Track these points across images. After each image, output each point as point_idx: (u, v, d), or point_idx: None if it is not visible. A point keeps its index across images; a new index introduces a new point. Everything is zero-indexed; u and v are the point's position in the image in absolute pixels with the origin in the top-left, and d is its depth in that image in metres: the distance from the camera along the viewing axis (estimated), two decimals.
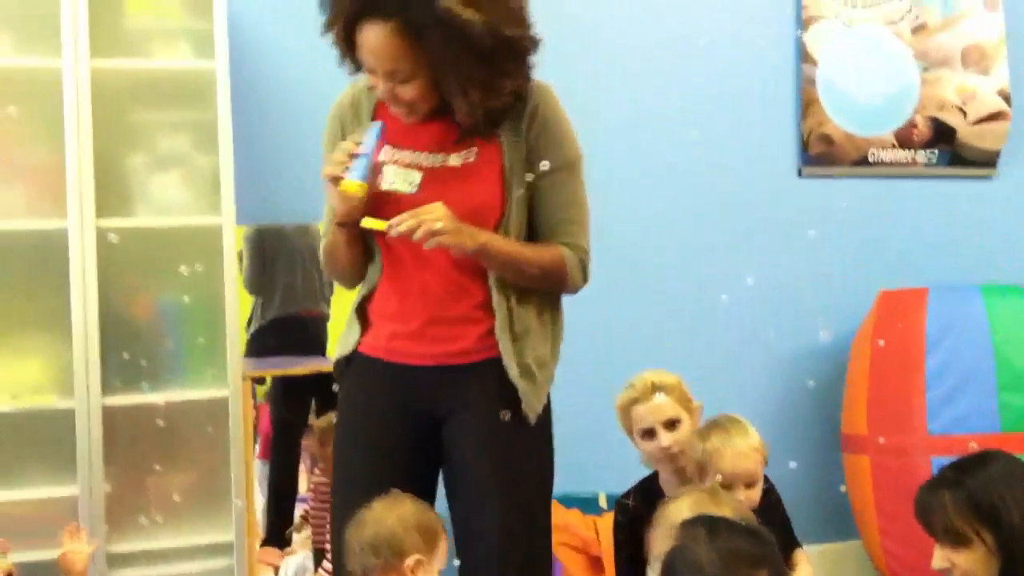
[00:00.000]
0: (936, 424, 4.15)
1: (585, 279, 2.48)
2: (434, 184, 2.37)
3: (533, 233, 2.44)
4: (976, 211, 4.85)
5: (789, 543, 2.90)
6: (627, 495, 3.05)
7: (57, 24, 3.29)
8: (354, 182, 2.28)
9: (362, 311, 2.50)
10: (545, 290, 2.45)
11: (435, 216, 2.23)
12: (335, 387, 2.58)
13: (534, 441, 2.42)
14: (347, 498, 2.42)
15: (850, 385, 4.46)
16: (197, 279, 3.48)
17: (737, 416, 2.90)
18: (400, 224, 2.23)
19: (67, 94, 3.29)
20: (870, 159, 4.74)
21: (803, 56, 4.64)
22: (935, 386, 4.19)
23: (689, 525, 1.82)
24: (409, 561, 2.03)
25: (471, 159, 2.39)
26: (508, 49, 2.27)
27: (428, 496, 2.44)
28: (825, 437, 4.55)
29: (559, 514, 3.16)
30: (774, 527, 2.20)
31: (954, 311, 4.27)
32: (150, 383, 3.43)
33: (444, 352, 2.38)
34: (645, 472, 3.11)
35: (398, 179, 2.38)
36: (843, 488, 4.33)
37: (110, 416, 3.33)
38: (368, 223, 2.31)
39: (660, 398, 2.93)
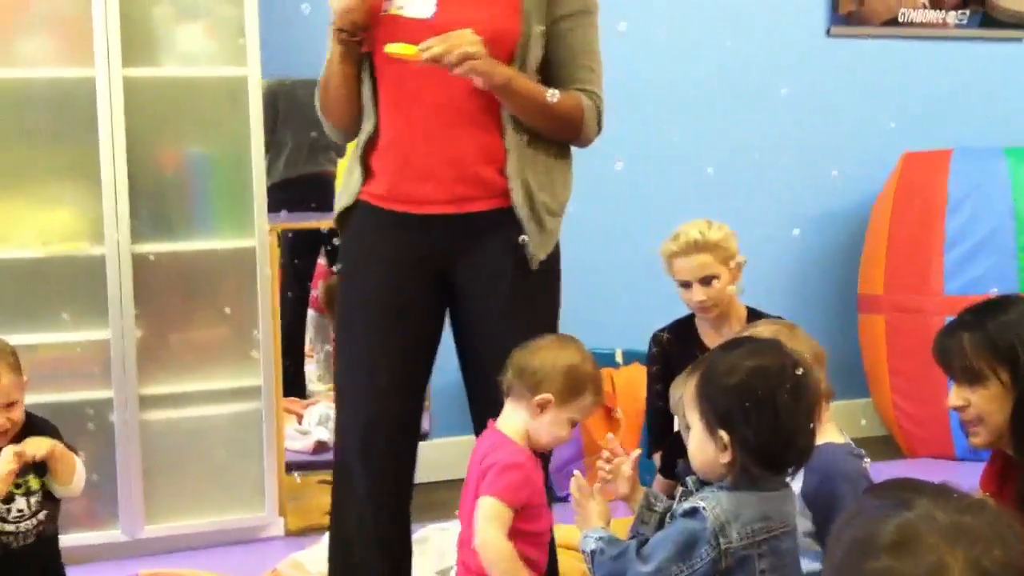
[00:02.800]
0: (953, 285, 4.19)
1: (599, 130, 2.40)
2: (451, 8, 2.25)
3: (548, 80, 2.33)
4: (1004, 73, 4.80)
5: None
6: (664, 329, 3.13)
7: None
8: None
9: (364, 158, 2.39)
10: (558, 138, 2.36)
11: (467, 40, 2.14)
12: (336, 240, 2.51)
13: (543, 288, 2.38)
14: (351, 348, 2.40)
15: (869, 246, 4.49)
16: (223, 131, 3.51)
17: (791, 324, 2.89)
18: (431, 48, 2.13)
19: None
20: (900, 19, 4.67)
21: None
22: (954, 247, 4.22)
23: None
24: (538, 398, 2.06)
25: None
26: None
27: (431, 346, 2.43)
28: (841, 297, 4.60)
29: None
30: None
31: (977, 173, 4.27)
32: (178, 232, 3.49)
33: (452, 197, 2.29)
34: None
35: (413, 1, 2.28)
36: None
37: (140, 263, 3.41)
38: (394, 48, 2.18)
39: (700, 255, 2.96)
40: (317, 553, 3.03)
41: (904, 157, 4.44)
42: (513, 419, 2.11)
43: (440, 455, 3.65)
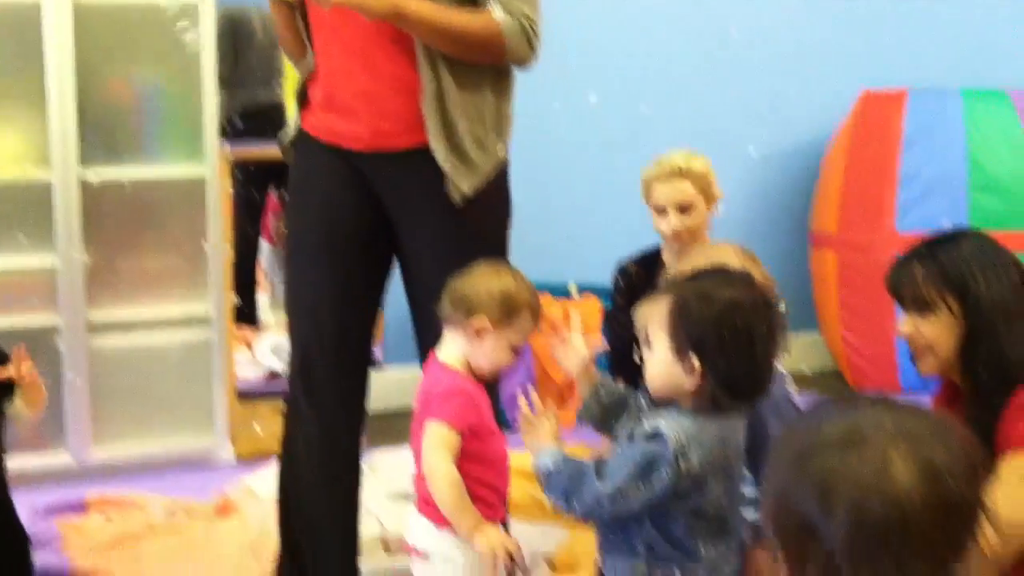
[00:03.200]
0: (905, 223, 4.22)
1: (532, 49, 2.25)
2: None
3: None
4: (963, 13, 4.80)
5: None
6: (631, 260, 3.13)
7: None
8: None
9: (303, 91, 2.39)
10: (482, 61, 2.25)
11: None
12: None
13: (475, 223, 2.32)
14: (296, 278, 2.40)
15: (824, 183, 4.51)
16: (175, 59, 3.46)
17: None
18: None
19: None
20: None
21: None
22: (908, 186, 4.25)
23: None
24: (475, 323, 2.06)
25: None
26: None
27: (378, 275, 2.42)
28: (794, 233, 4.63)
29: None
30: None
31: (933, 113, 4.29)
32: (128, 158, 3.46)
33: (374, 133, 2.27)
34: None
35: None
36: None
37: (88, 189, 3.37)
38: None
39: (681, 182, 2.98)
40: (268, 478, 3.04)
41: (862, 96, 4.45)
42: (453, 348, 2.11)
43: (394, 384, 3.67)
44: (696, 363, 1.67)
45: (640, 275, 3.09)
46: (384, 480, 3.27)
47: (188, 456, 3.54)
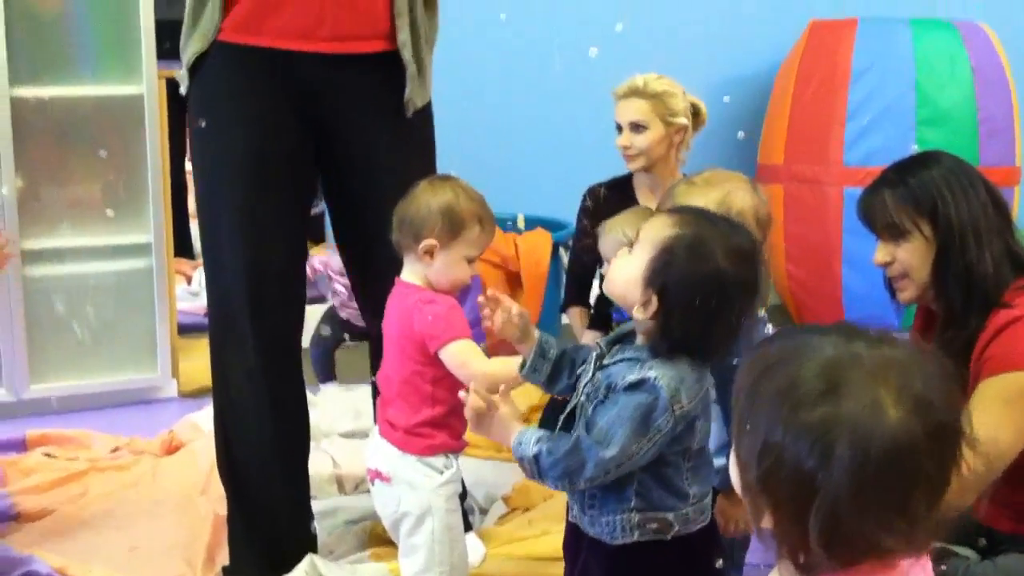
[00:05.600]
0: (852, 156, 4.21)
1: None
2: None
3: None
4: None
5: None
6: (600, 184, 3.10)
7: None
8: None
9: None
10: None
11: None
12: (183, 90, 2.26)
13: (423, 135, 2.31)
14: (224, 211, 2.22)
15: (770, 116, 4.48)
16: None
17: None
18: None
19: None
20: None
21: None
22: (855, 118, 4.23)
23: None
24: (423, 244, 2.00)
25: None
26: None
27: (310, 194, 2.33)
28: (741, 165, 4.57)
29: None
30: None
31: (881, 44, 4.26)
32: (61, 76, 3.27)
33: (331, 34, 2.14)
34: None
35: None
36: None
37: (19, 108, 3.19)
38: None
39: (637, 100, 2.94)
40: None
41: (810, 25, 4.40)
42: (413, 273, 2.07)
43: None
44: (655, 304, 1.61)
45: (608, 198, 3.05)
46: (330, 417, 3.20)
47: (131, 391, 3.42)
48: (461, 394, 1.74)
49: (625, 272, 1.66)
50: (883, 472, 1.05)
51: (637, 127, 2.95)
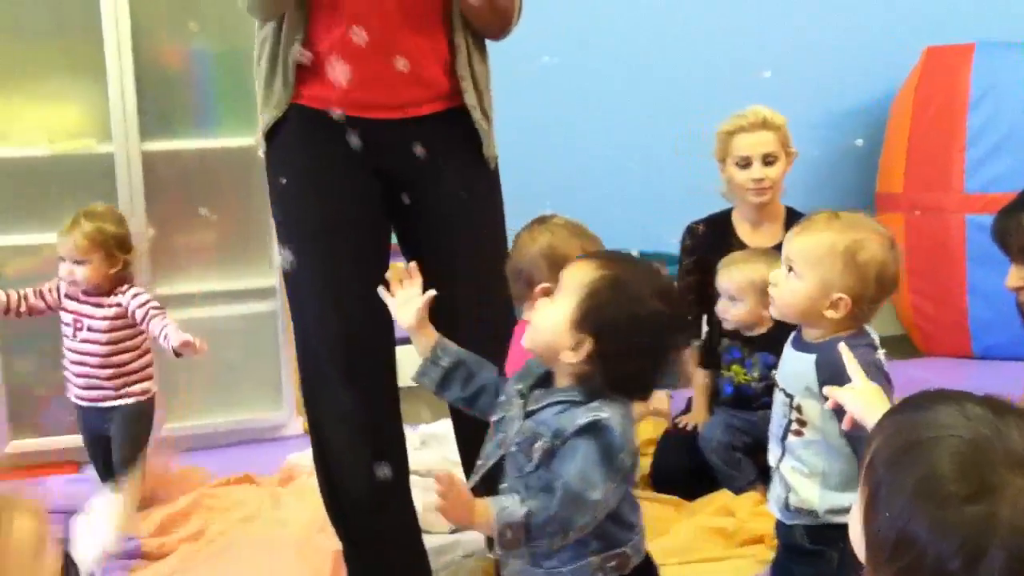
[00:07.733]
0: (974, 183, 4.12)
1: (519, 18, 2.28)
2: None
3: None
4: None
5: None
6: (699, 221, 3.12)
7: None
8: None
9: (286, 60, 2.18)
10: (493, 33, 2.28)
11: None
12: (260, 153, 2.29)
13: (496, 185, 2.35)
14: (312, 267, 2.23)
15: (889, 144, 4.41)
16: (227, 28, 3.42)
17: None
18: None
19: None
20: None
21: None
22: (975, 144, 4.14)
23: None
24: (538, 289, 2.01)
25: None
26: None
27: (387, 248, 2.32)
28: (860, 196, 4.53)
29: None
30: None
31: (999, 68, 4.18)
32: (186, 130, 3.42)
33: (400, 102, 2.19)
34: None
35: None
36: None
37: (149, 161, 3.34)
38: None
39: (766, 133, 2.99)
40: None
41: (926, 51, 4.34)
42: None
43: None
44: (588, 346, 1.62)
45: (706, 234, 3.06)
46: (438, 453, 3.22)
47: (256, 430, 3.52)
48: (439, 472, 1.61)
49: (551, 318, 1.67)
50: None
51: (768, 159, 2.98)
